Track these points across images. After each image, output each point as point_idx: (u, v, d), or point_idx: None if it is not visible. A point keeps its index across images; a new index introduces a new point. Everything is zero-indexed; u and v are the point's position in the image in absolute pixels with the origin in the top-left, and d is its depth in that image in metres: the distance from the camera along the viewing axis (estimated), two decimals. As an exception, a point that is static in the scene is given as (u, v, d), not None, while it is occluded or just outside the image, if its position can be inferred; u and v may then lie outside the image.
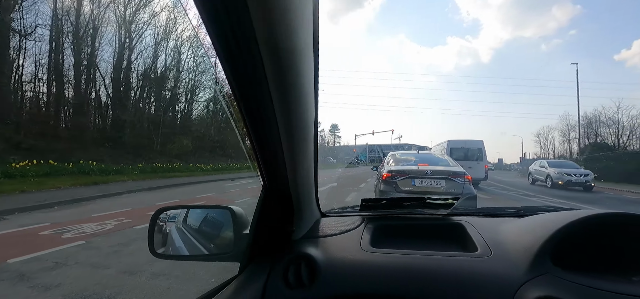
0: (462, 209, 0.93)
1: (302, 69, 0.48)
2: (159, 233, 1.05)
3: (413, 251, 0.69)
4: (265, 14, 0.36)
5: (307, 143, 0.63)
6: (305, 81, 0.51)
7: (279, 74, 0.44)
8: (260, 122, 0.52)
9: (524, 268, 0.59)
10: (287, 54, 0.43)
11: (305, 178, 0.71)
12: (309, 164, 0.69)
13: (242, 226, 0.73)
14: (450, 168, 4.88)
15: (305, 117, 0.57)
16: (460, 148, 13.57)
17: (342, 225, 0.83)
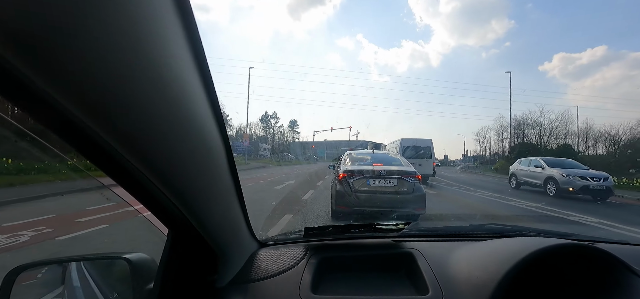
0: (413, 231, 0.88)
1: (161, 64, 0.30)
2: (56, 269, 0.83)
3: (358, 297, 0.60)
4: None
5: (211, 171, 0.46)
6: (168, 76, 0.31)
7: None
8: (92, 156, 0.33)
9: None
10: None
11: (224, 215, 0.56)
12: (224, 197, 0.54)
13: (146, 279, 0.57)
14: (403, 168, 5.09)
15: (189, 133, 0.38)
16: (412, 146, 14.41)
17: (282, 261, 0.72)
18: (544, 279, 0.67)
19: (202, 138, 0.41)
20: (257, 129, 51.28)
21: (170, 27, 0.30)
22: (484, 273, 0.61)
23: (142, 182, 0.37)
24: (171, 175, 0.39)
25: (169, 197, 0.41)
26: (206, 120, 0.40)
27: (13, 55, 0.20)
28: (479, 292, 0.58)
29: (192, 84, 0.35)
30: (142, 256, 0.60)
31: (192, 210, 0.46)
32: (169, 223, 0.50)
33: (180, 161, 0.38)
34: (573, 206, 8.06)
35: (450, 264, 0.69)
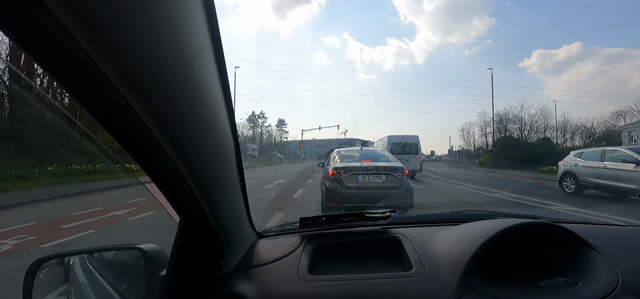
0: (400, 218, 0.96)
1: (194, 70, 0.36)
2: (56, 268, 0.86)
3: (351, 276, 0.67)
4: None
5: (225, 165, 0.53)
6: (203, 87, 0.39)
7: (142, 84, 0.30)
8: (132, 145, 0.38)
9: (453, 287, 0.62)
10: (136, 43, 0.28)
11: (231, 206, 0.63)
12: (233, 189, 0.61)
13: (158, 268, 0.62)
14: (390, 164, 5.22)
15: (212, 129, 0.45)
16: (399, 143, 14.68)
17: (280, 249, 0.78)
18: (513, 255, 0.76)
19: (221, 138, 0.48)
20: (245, 129, 50.85)
21: (202, 35, 0.36)
22: (460, 251, 0.69)
23: (172, 174, 0.43)
24: (197, 167, 0.45)
25: (192, 186, 0.47)
26: (224, 123, 0.48)
27: (85, 42, 0.25)
28: (455, 266, 0.66)
29: (215, 90, 0.42)
30: (154, 246, 0.65)
31: (207, 198, 0.52)
32: (182, 212, 0.56)
33: (205, 155, 0.45)
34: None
35: (431, 246, 0.77)
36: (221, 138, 0.48)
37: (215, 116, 0.44)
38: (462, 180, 13.14)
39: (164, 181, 0.45)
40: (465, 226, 0.83)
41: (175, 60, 0.32)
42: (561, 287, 0.65)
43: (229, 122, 0.49)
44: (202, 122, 0.41)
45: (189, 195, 0.48)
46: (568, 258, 0.75)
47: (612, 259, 0.71)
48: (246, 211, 0.74)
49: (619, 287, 0.63)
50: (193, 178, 0.45)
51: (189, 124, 0.39)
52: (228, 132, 0.50)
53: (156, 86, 0.32)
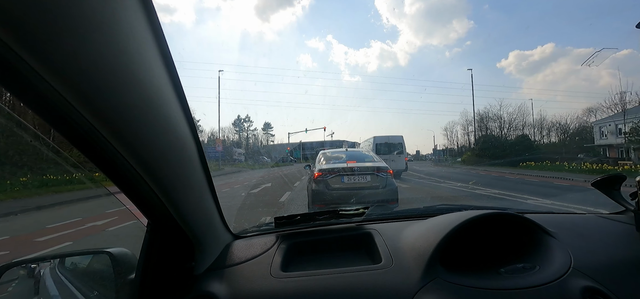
0: (373, 215, 0.99)
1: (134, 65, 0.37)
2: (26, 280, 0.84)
3: (322, 271, 0.69)
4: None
5: (185, 164, 0.54)
6: (149, 87, 0.40)
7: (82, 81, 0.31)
8: (88, 150, 0.39)
9: (418, 276, 0.65)
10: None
11: (198, 205, 0.63)
12: (198, 189, 0.61)
13: (127, 271, 0.62)
14: (375, 164, 5.29)
15: (166, 130, 0.47)
16: (384, 143, 14.89)
17: (254, 248, 0.79)
18: (478, 245, 0.80)
19: (176, 135, 0.49)
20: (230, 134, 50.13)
21: (145, 38, 0.38)
22: (425, 243, 0.73)
23: (128, 172, 0.44)
24: (152, 165, 0.46)
25: (150, 185, 0.48)
26: (179, 120, 0.49)
27: (20, 49, 0.26)
28: (420, 258, 0.70)
29: (164, 89, 0.44)
30: (123, 249, 0.65)
31: (169, 197, 0.53)
32: (148, 213, 0.56)
33: (160, 153, 0.46)
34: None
35: (401, 239, 0.80)
36: (176, 137, 0.49)
37: (167, 116, 0.45)
38: (446, 178, 13.48)
39: (124, 182, 0.46)
40: (433, 219, 0.87)
41: (116, 65, 0.34)
42: (520, 272, 0.70)
43: (186, 121, 0.50)
44: (152, 121, 0.42)
45: (149, 194, 0.49)
46: (529, 246, 0.80)
47: (568, 244, 0.77)
48: (218, 212, 0.75)
49: (571, 269, 0.68)
50: (150, 177, 0.46)
51: (140, 127, 0.40)
52: (185, 131, 0.51)
53: (100, 90, 0.34)
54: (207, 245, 0.71)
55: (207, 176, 0.62)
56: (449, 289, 0.62)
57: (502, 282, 0.66)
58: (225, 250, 0.79)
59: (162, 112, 0.43)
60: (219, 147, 27.05)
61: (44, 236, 4.90)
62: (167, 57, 0.43)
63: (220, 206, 0.75)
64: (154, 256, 0.61)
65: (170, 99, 0.45)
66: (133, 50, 0.36)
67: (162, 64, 0.42)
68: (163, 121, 0.44)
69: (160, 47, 0.41)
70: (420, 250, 0.71)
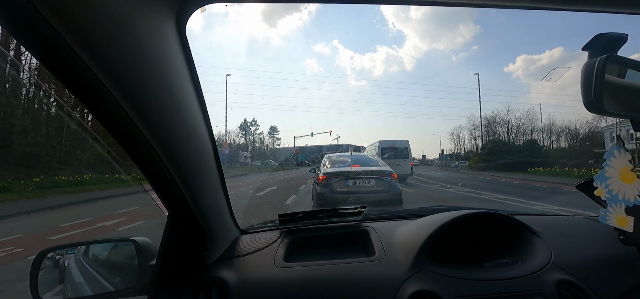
0: (371, 214, 1.06)
1: (162, 77, 0.47)
2: (52, 270, 0.93)
3: (321, 262, 0.76)
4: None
5: (204, 164, 0.64)
6: (183, 103, 0.52)
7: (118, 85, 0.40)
8: (132, 149, 0.50)
9: (407, 267, 0.72)
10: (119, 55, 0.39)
11: (212, 200, 0.72)
12: (213, 186, 0.71)
13: (149, 258, 0.70)
14: (380, 168, 5.33)
15: (192, 135, 0.58)
16: (389, 147, 14.87)
17: (260, 242, 0.87)
18: (467, 243, 0.86)
19: (198, 139, 0.59)
20: (237, 137, 50.62)
21: (179, 61, 0.49)
22: (415, 238, 0.79)
23: (159, 167, 0.53)
24: (182, 166, 0.56)
25: (176, 179, 0.56)
26: (201, 125, 0.59)
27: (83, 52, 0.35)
28: (410, 251, 0.76)
29: (191, 99, 0.55)
30: (145, 239, 0.73)
31: (190, 191, 0.62)
32: (170, 205, 0.64)
33: (187, 156, 0.56)
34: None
35: (394, 236, 0.87)
36: (200, 143, 0.59)
37: (193, 125, 0.55)
38: (452, 183, 13.40)
39: (155, 178, 0.55)
40: (425, 218, 0.93)
41: (162, 85, 0.45)
42: (502, 266, 0.76)
43: (207, 130, 0.61)
44: (184, 130, 0.53)
45: (175, 189, 0.58)
46: (515, 244, 0.86)
47: (551, 242, 0.83)
48: (228, 208, 0.83)
49: (550, 264, 0.74)
50: (178, 175, 0.56)
51: (174, 132, 0.51)
52: (206, 138, 0.61)
53: (149, 104, 0.45)
54: (218, 237, 0.79)
55: (220, 175, 0.71)
56: (433, 279, 0.69)
57: (483, 273, 0.72)
58: (233, 243, 0.86)
59: (190, 124, 0.54)
60: (226, 150, 27.34)
61: (55, 235, 5.06)
62: (196, 82, 0.54)
63: (230, 203, 0.83)
64: (172, 245, 0.69)
65: (197, 114, 0.56)
66: (171, 73, 0.47)
67: (192, 87, 0.54)
68: (189, 126, 0.54)
69: (192, 75, 0.52)
70: (410, 245, 0.78)
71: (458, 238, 0.85)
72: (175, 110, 0.50)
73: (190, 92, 0.53)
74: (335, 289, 0.69)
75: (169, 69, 0.46)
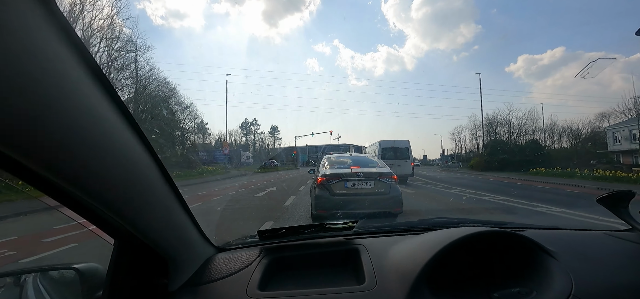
0: (364, 229, 0.95)
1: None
2: (12, 289, 0.83)
3: (299, 291, 0.66)
4: None
5: (137, 180, 0.49)
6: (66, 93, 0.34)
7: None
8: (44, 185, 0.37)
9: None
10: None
11: (163, 222, 0.60)
12: (161, 205, 0.57)
13: (95, 287, 0.60)
14: (379, 169, 5.22)
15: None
16: (390, 148, 14.75)
17: (235, 262, 0.76)
18: (472, 265, 0.76)
19: (122, 151, 0.44)
20: (237, 137, 50.53)
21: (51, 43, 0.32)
22: (411, 263, 0.69)
23: (75, 198, 0.41)
24: (99, 188, 0.42)
25: (102, 209, 0.45)
26: (121, 133, 0.44)
27: None
28: (405, 279, 0.65)
29: (88, 95, 0.38)
30: (92, 265, 0.63)
31: (128, 219, 0.50)
32: (112, 233, 0.54)
33: (104, 172, 0.42)
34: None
35: (387, 257, 0.76)
36: (123, 152, 0.44)
37: (102, 127, 0.40)
38: (453, 184, 13.27)
39: (75, 206, 0.43)
40: (424, 235, 0.83)
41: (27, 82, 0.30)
42: (514, 297, 0.65)
43: (134, 133, 0.46)
44: (82, 138, 0.37)
45: (108, 218, 0.47)
46: (527, 267, 0.75)
47: (569, 266, 0.72)
48: (194, 225, 0.72)
49: (572, 296, 0.63)
50: (99, 201, 0.43)
51: (65, 144, 0.36)
52: (133, 144, 0.46)
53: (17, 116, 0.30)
54: (182, 260, 0.68)
55: (173, 191, 0.59)
56: None
57: None
58: (205, 264, 0.76)
59: (94, 129, 0.39)
60: (226, 150, 27.25)
61: (50, 238, 4.96)
62: (79, 46, 0.36)
63: (195, 219, 0.72)
64: (121, 274, 0.58)
65: (103, 114, 0.40)
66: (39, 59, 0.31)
67: (81, 67, 0.36)
68: (97, 138, 0.39)
69: (68, 36, 0.34)
70: (406, 270, 0.67)
71: (461, 260, 0.74)
72: (64, 118, 0.34)
73: (84, 84, 0.36)
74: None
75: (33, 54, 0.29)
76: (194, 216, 0.69)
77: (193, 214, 0.69)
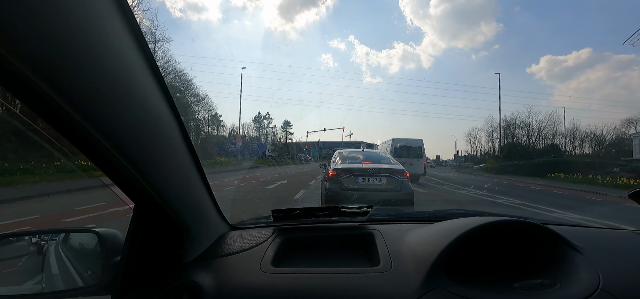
0: (378, 215, 0.94)
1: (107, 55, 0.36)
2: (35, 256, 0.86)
3: (314, 269, 0.65)
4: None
5: (161, 141, 0.51)
6: (118, 67, 0.39)
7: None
8: (67, 129, 0.40)
9: (418, 283, 0.60)
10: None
11: (182, 188, 0.61)
12: (182, 170, 0.59)
13: (113, 252, 0.61)
14: (391, 166, 5.16)
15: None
16: (403, 146, 14.57)
17: (248, 240, 0.76)
18: (491, 256, 0.73)
19: (146, 107, 0.46)
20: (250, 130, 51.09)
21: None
22: (429, 247, 0.67)
23: (99, 149, 0.43)
24: (125, 136, 0.44)
25: (125, 163, 0.46)
26: (148, 91, 0.46)
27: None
28: (422, 263, 0.63)
29: (128, 58, 0.41)
30: (112, 230, 0.64)
31: (149, 178, 0.51)
32: (132, 195, 0.55)
33: (127, 126, 0.44)
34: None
35: (403, 242, 0.75)
36: (147, 108, 0.46)
37: (129, 80, 0.42)
38: (466, 185, 12.99)
39: (103, 165, 0.44)
40: (441, 223, 0.80)
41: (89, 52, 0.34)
42: (537, 288, 0.63)
43: (161, 91, 0.48)
44: (126, 101, 0.41)
45: (129, 176, 0.48)
46: (549, 260, 0.72)
47: (596, 261, 0.68)
48: (211, 200, 0.73)
49: (600, 290, 0.60)
50: (121, 153, 0.44)
51: (114, 109, 0.39)
52: (159, 102, 0.48)
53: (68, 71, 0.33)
54: (197, 233, 0.69)
55: (195, 161, 0.60)
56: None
57: (513, 297, 0.59)
58: (218, 240, 0.77)
59: (121, 81, 0.40)
60: (239, 142, 27.65)
61: (71, 218, 5.19)
62: (140, 40, 0.41)
63: (213, 194, 0.73)
64: (139, 239, 0.59)
65: (134, 69, 0.42)
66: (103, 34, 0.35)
67: (134, 46, 0.41)
68: (124, 90, 0.41)
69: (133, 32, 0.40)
70: (423, 255, 0.65)
71: (480, 250, 0.72)
72: (114, 90, 0.38)
73: (134, 61, 0.41)
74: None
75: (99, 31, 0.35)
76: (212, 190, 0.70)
77: (211, 187, 0.70)
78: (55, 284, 0.81)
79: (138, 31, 0.41)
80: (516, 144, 29.86)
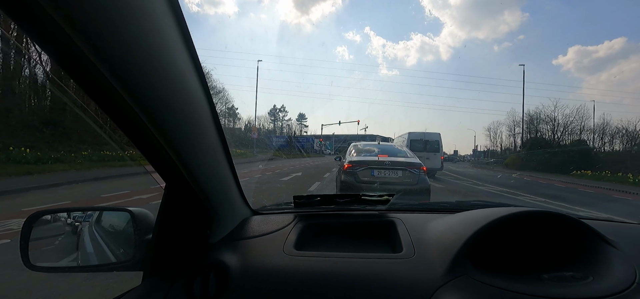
0: (398, 204, 0.93)
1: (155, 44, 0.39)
2: (70, 236, 0.92)
3: (335, 253, 0.66)
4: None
5: (194, 119, 0.54)
6: (165, 56, 0.42)
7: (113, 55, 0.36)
8: (115, 113, 0.43)
9: (443, 270, 0.59)
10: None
11: (213, 173, 0.63)
12: (213, 156, 0.61)
13: (145, 231, 0.64)
14: (408, 159, 5.08)
15: (171, 75, 0.47)
16: (419, 140, 14.30)
17: (271, 224, 0.78)
18: (518, 247, 0.71)
19: (184, 85, 0.48)
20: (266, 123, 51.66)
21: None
22: (454, 235, 0.65)
23: (142, 129, 0.45)
24: (160, 116, 0.46)
25: (160, 139, 0.48)
26: (185, 69, 0.48)
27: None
28: (447, 251, 0.62)
29: (169, 36, 0.43)
30: (143, 210, 0.67)
31: (183, 158, 0.53)
32: (165, 173, 0.57)
33: (162, 100, 0.45)
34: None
35: (426, 230, 0.74)
36: (182, 87, 0.48)
37: (170, 62, 0.44)
38: (486, 181, 12.62)
39: (141, 142, 0.47)
40: (465, 213, 0.78)
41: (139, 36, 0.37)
42: (567, 281, 0.60)
43: (196, 73, 0.50)
44: (169, 86, 0.44)
45: (160, 150, 0.50)
46: (580, 253, 0.69)
47: (631, 256, 0.65)
48: (236, 184, 0.75)
49: (636, 284, 0.57)
50: (163, 137, 0.46)
51: (153, 84, 0.42)
52: (194, 83, 0.50)
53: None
54: (223, 216, 0.71)
55: (223, 145, 0.62)
56: (478, 289, 0.55)
57: (544, 289, 0.57)
58: (242, 224, 0.79)
59: (164, 57, 0.43)
60: (255, 135, 28.08)
61: (100, 204, 5.46)
62: (183, 29, 0.44)
63: (238, 179, 0.75)
64: (169, 219, 0.62)
65: (175, 50, 0.44)
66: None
67: (178, 34, 0.43)
68: (166, 66, 0.43)
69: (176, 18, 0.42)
70: (448, 243, 0.64)
71: (506, 242, 0.70)
72: (154, 64, 0.41)
73: (177, 49, 0.43)
74: (351, 288, 0.58)
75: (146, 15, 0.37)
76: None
77: (237, 174, 0.72)
78: (89, 261, 0.86)
79: (177, 7, 0.42)
80: (539, 140, 28.60)
